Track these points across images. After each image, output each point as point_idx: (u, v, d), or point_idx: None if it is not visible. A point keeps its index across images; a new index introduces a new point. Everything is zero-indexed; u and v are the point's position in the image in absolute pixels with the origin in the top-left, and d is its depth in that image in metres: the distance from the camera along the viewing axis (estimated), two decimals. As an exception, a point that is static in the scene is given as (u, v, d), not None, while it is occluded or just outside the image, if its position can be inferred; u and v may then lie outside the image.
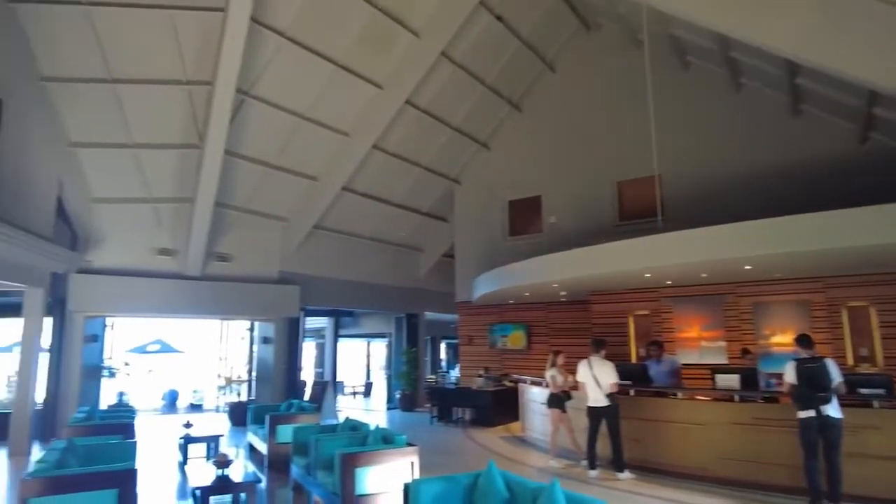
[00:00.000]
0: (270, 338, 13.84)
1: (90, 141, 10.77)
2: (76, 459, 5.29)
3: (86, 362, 11.81)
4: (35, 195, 9.86)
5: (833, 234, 6.97)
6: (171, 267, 12.36)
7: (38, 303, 10.04)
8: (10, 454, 9.50)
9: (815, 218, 6.92)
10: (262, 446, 8.66)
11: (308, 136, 12.13)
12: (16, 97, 9.19)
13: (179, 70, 10.17)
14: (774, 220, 7.25)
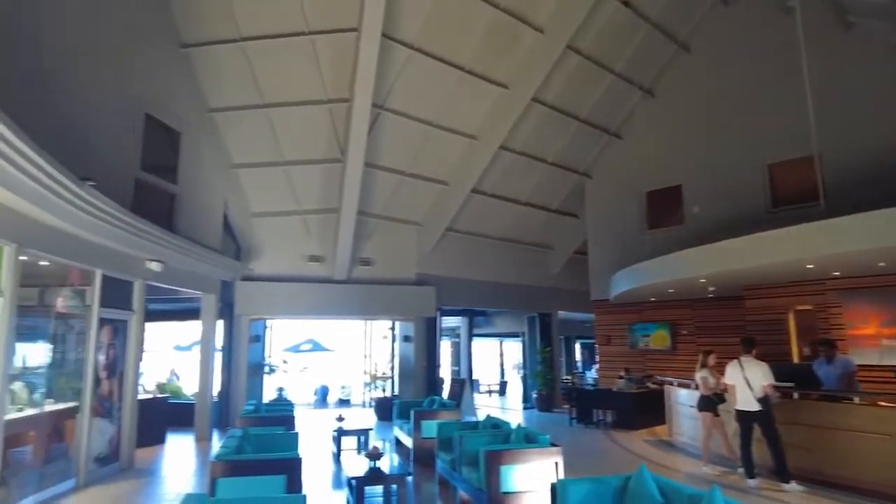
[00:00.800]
0: (410, 336, 14.47)
1: (248, 161, 12.05)
2: (251, 447, 5.93)
3: (251, 360, 13.18)
4: (206, 213, 11.21)
5: None
6: (320, 272, 13.40)
7: (212, 307, 11.41)
8: (196, 439, 10.88)
9: None
10: (407, 441, 9.07)
11: (438, 142, 12.53)
12: (190, 129, 10.54)
13: (321, 90, 11.01)
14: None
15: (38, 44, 6.69)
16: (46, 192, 5.38)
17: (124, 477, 7.99)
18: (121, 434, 8.35)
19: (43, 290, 7.34)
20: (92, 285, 7.54)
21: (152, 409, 10.07)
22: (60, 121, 6.84)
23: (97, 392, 7.73)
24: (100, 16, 8.00)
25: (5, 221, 5.54)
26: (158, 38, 9.76)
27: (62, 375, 7.42)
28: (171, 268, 9.23)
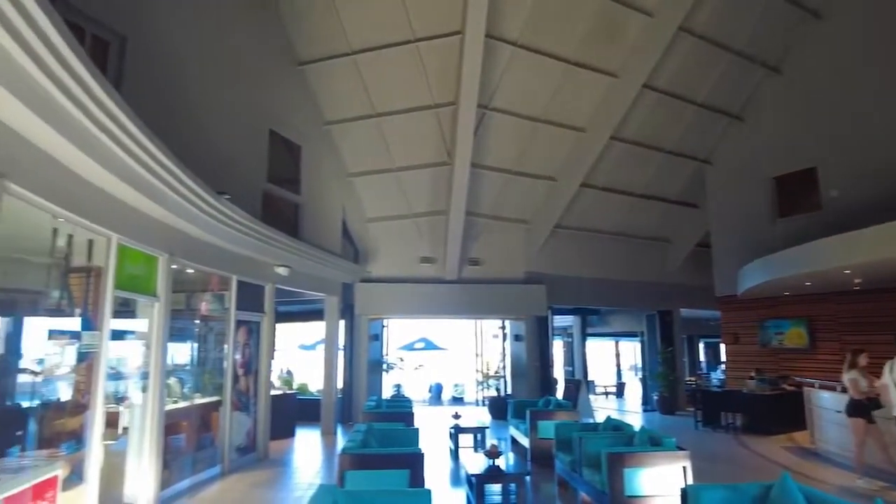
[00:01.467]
0: (521, 336, 14.38)
1: (362, 170, 12.63)
2: (375, 441, 6.19)
3: (370, 358, 13.78)
4: (327, 220, 11.88)
5: None
6: (432, 273, 13.71)
7: (334, 308, 12.07)
8: (321, 433, 11.55)
9: None
10: (523, 440, 9.02)
11: (544, 137, 12.34)
12: (310, 143, 11.24)
13: (427, 96, 11.28)
14: None
15: (180, 73, 7.45)
16: (190, 206, 5.97)
17: (261, 466, 8.66)
18: (256, 426, 9.07)
19: (189, 296, 8.15)
20: (229, 290, 8.27)
21: (282, 405, 10.82)
22: (198, 140, 7.57)
23: (236, 387, 8.46)
24: (228, 43, 8.77)
25: (159, 235, 6.23)
26: (278, 58, 10.51)
27: (206, 372, 8.22)
28: (297, 272, 9.89)
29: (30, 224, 4.56)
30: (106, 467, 5.38)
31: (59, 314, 5.30)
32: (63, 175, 4.37)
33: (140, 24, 6.69)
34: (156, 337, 6.27)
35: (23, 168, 3.74)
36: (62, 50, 3.21)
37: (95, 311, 5.27)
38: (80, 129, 3.89)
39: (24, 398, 8.97)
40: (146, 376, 6.15)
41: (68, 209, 4.46)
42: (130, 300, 6.08)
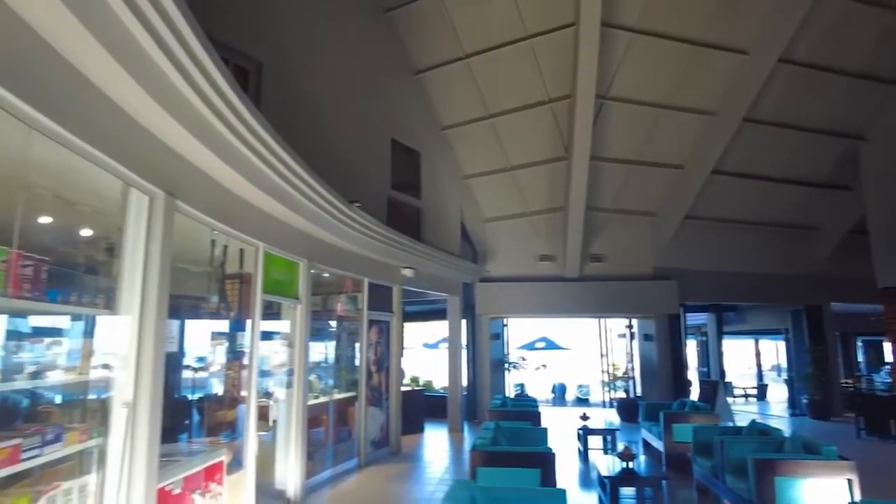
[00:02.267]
0: (651, 335, 13.72)
1: (478, 171, 12.78)
2: (504, 439, 6.24)
3: (492, 357, 13.88)
4: (446, 222, 12.16)
5: None
6: (552, 271, 13.53)
7: (456, 308, 12.33)
8: (449, 429, 11.84)
9: None
10: (657, 443, 8.62)
11: (669, 124, 11.69)
12: (428, 148, 11.58)
13: (542, 91, 11.15)
14: None
15: (309, 91, 8.01)
16: (326, 214, 6.40)
17: (394, 460, 9.06)
18: (389, 421, 9.49)
19: (325, 298, 8.73)
20: (361, 291, 8.75)
21: (411, 401, 11.23)
22: (329, 152, 8.08)
23: (369, 383, 8.92)
24: (351, 59, 9.27)
25: (299, 242, 6.74)
26: (396, 69, 10.95)
27: (342, 369, 8.76)
28: (421, 273, 10.23)
29: (191, 237, 5.13)
30: (260, 456, 5.91)
31: (217, 317, 5.92)
32: (219, 192, 4.89)
33: (273, 50, 7.28)
34: (299, 336, 6.80)
35: (187, 187, 4.23)
36: (221, 84, 3.60)
37: (247, 313, 5.82)
38: (233, 150, 4.32)
39: (189, 391, 10.08)
40: (291, 373, 6.68)
41: (223, 222, 4.97)
42: (275, 303, 6.64)
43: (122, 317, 3.71)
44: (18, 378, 3.04)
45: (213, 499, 4.94)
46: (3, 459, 2.69)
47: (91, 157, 3.20)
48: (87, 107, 3.09)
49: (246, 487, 5.58)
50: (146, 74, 3.10)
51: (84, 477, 3.48)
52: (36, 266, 2.88)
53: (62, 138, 2.92)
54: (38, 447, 2.96)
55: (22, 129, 2.70)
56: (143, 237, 3.80)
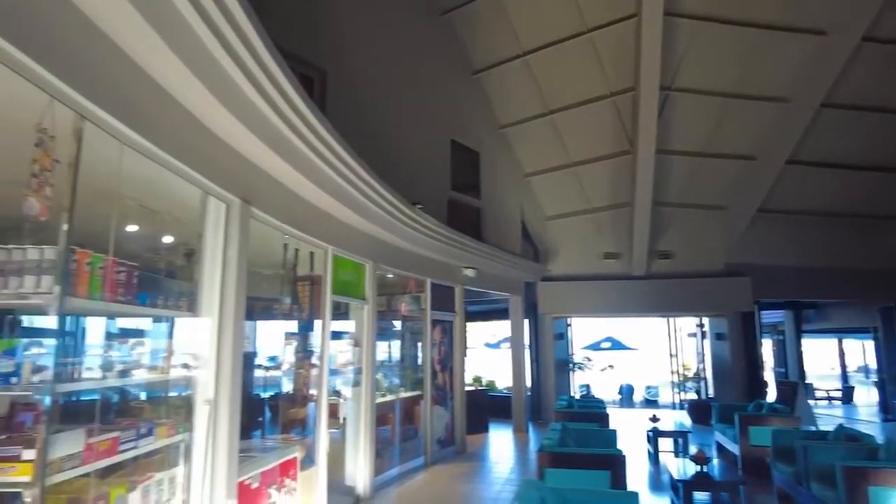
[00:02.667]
0: (723, 334, 13.16)
1: (538, 169, 12.65)
2: (572, 440, 6.16)
3: (556, 357, 13.71)
4: (507, 221, 12.12)
5: None
6: (617, 269, 13.22)
7: (518, 307, 12.27)
8: (513, 430, 11.78)
9: None
10: (732, 447, 8.28)
11: (738, 113, 11.16)
12: (487, 148, 11.58)
13: (603, 85, 10.92)
14: None
15: (371, 96, 8.18)
16: (390, 217, 6.53)
17: (460, 459, 9.11)
18: (454, 421, 9.56)
19: (389, 298, 8.89)
20: (424, 292, 8.86)
21: (476, 401, 11.26)
22: (391, 156, 8.23)
23: (434, 382, 9.01)
24: (411, 62, 9.41)
25: (364, 245, 6.91)
26: (455, 70, 11.02)
27: (407, 368, 8.89)
28: (482, 273, 10.24)
29: (264, 241, 5.35)
30: (330, 453, 6.10)
31: (289, 317, 6.15)
32: (290, 198, 5.08)
33: (336, 58, 7.49)
34: (366, 336, 6.96)
35: (261, 195, 4.42)
36: (291, 95, 3.76)
37: (318, 313, 6.01)
38: (303, 157, 4.49)
39: (262, 390, 10.49)
40: (359, 371, 6.85)
41: (295, 227, 5.16)
42: (343, 303, 6.82)
43: (202, 319, 3.92)
44: (110, 376, 3.27)
45: (287, 494, 5.14)
46: (103, 451, 2.91)
47: (174, 169, 3.41)
48: (172, 122, 3.30)
49: (318, 483, 5.77)
50: (223, 88, 3.27)
51: (173, 469, 3.71)
52: (128, 272, 3.10)
53: (150, 152, 3.12)
54: (134, 440, 3.19)
55: (115, 145, 2.91)
56: (222, 243, 4.00)
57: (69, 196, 2.56)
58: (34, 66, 2.21)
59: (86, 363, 3.29)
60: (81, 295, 2.71)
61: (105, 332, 3.48)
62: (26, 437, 2.55)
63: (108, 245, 2.95)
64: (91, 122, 2.66)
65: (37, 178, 2.31)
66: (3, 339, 2.54)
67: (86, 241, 2.80)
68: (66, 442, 2.64)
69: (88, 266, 2.77)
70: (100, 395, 3.38)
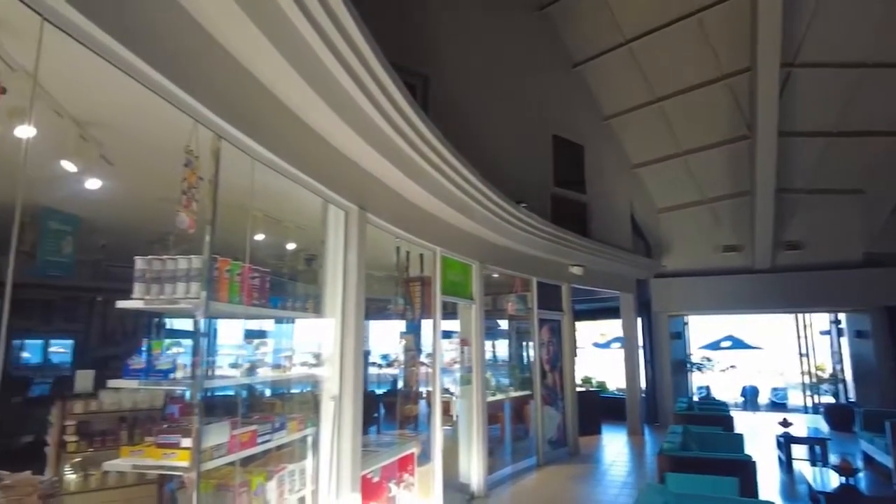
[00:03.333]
0: (865, 331, 11.85)
1: (647, 159, 12.10)
2: (695, 444, 5.84)
3: (673, 357, 13.04)
4: (615, 216, 11.72)
5: None
6: (738, 262, 12.33)
7: (630, 306, 11.82)
8: (628, 432, 11.37)
9: None
10: (882, 458, 7.45)
11: (876, 85, 9.96)
12: (591, 140, 11.28)
13: (714, 68, 10.24)
14: None
15: (472, 97, 8.26)
16: (495, 217, 6.56)
17: (573, 461, 8.94)
18: (565, 421, 9.39)
19: (495, 298, 8.92)
20: (530, 291, 8.79)
21: (587, 401, 10.99)
22: (493, 155, 8.26)
23: (544, 382, 8.92)
24: (510, 60, 9.38)
25: (470, 245, 6.99)
26: (555, 65, 10.84)
27: (515, 367, 8.87)
28: (590, 270, 9.99)
29: (378, 245, 5.58)
30: (444, 450, 6.22)
31: (401, 317, 6.36)
32: (401, 203, 5.26)
33: (436, 63, 7.64)
34: (474, 335, 7.03)
35: (375, 201, 4.62)
36: (403, 106, 3.94)
37: (429, 313, 6.17)
38: (413, 164, 4.64)
39: (375, 386, 10.96)
40: (469, 370, 6.93)
41: (406, 230, 5.33)
42: (451, 303, 6.94)
43: (326, 320, 4.16)
44: (246, 374, 3.55)
45: (406, 489, 5.32)
46: (244, 442, 3.18)
47: (298, 180, 3.65)
48: (295, 137, 3.54)
49: (434, 479, 5.91)
50: (341, 103, 3.48)
51: (302, 461, 3.97)
52: (262, 277, 3.36)
53: (277, 166, 3.37)
54: (269, 433, 3.45)
55: (247, 161, 3.17)
56: (342, 248, 4.23)
57: (211, 209, 2.82)
58: (181, 94, 2.47)
59: (222, 362, 3.62)
60: (223, 299, 2.98)
61: (240, 332, 3.80)
62: (182, 426, 2.85)
63: (238, 253, 3.21)
64: (227, 141, 2.92)
65: (185, 194, 2.57)
66: (158, 340, 2.85)
67: (221, 251, 3.08)
68: (215, 433, 2.91)
69: (228, 273, 3.04)
70: (235, 392, 3.69)
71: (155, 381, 2.78)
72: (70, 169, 3.46)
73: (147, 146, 3.54)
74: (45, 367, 8.77)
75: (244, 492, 3.24)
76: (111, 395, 4.31)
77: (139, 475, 3.97)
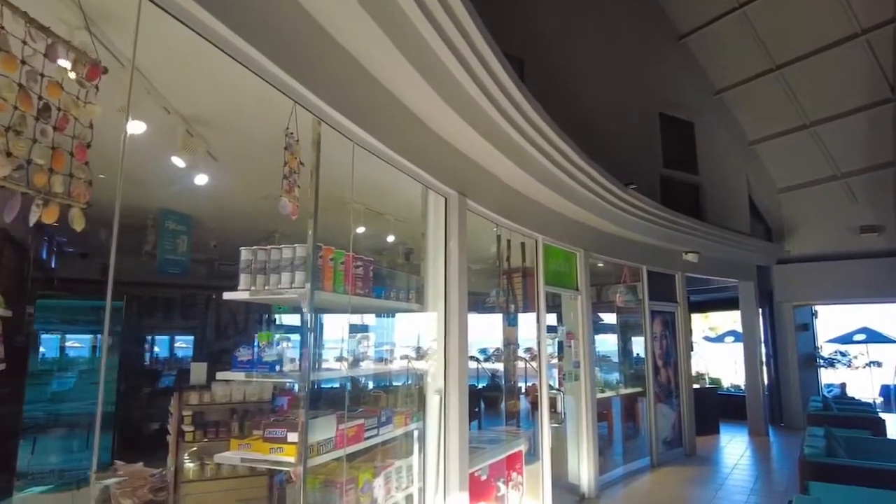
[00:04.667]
0: None
1: (766, 134, 10.98)
2: (841, 450, 5.13)
3: (800, 352, 11.79)
4: (730, 197, 10.77)
5: None
6: (878, 245, 10.89)
7: (750, 295, 10.80)
8: (749, 433, 10.42)
9: None
10: None
11: None
12: (701, 117, 10.42)
13: (847, 23, 9.05)
14: None
15: (571, 77, 7.83)
16: (600, 200, 6.12)
17: (690, 462, 8.28)
18: (680, 421, 8.73)
19: (600, 289, 8.44)
20: (640, 280, 8.22)
21: (703, 400, 10.18)
22: (596, 137, 7.77)
23: (657, 379, 8.32)
24: (610, 38, 8.84)
25: (574, 232, 6.59)
26: (658, 39, 10.10)
27: (626, 363, 8.34)
28: (705, 257, 9.19)
29: (478, 235, 5.36)
30: (551, 448, 5.90)
31: (501, 310, 6.10)
32: (501, 189, 5.00)
33: (533, 44, 7.29)
34: (581, 328, 6.64)
35: (475, 187, 4.39)
36: (505, 83, 3.70)
37: (532, 305, 5.87)
38: (514, 145, 4.36)
39: (474, 381, 10.76)
40: (577, 365, 6.55)
41: (506, 217, 5.07)
42: (555, 295, 6.59)
43: (429, 313, 4.00)
44: (353, 366, 3.46)
45: (514, 488, 5.07)
46: (351, 437, 3.07)
47: (398, 164, 3.50)
48: (394, 120, 3.39)
49: (543, 479, 5.62)
50: (443, 83, 3.30)
51: (409, 457, 3.84)
52: (365, 266, 3.24)
53: (376, 149, 3.24)
54: (375, 428, 3.33)
55: (347, 146, 3.04)
56: (443, 236, 4.04)
57: (313, 198, 2.72)
58: (281, 74, 2.36)
59: (328, 355, 3.56)
60: (327, 289, 2.88)
61: (345, 326, 3.72)
62: (290, 420, 2.78)
63: (340, 246, 3.10)
64: (327, 125, 2.81)
65: (287, 179, 2.48)
66: (266, 332, 2.79)
67: (323, 243, 2.98)
68: (322, 427, 2.81)
69: (332, 261, 2.93)
70: (340, 384, 3.63)
71: (262, 372, 2.72)
72: (179, 164, 3.54)
73: (251, 141, 3.55)
74: (171, 360, 9.46)
75: (351, 489, 3.14)
76: (222, 386, 4.43)
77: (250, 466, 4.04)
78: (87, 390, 5.02)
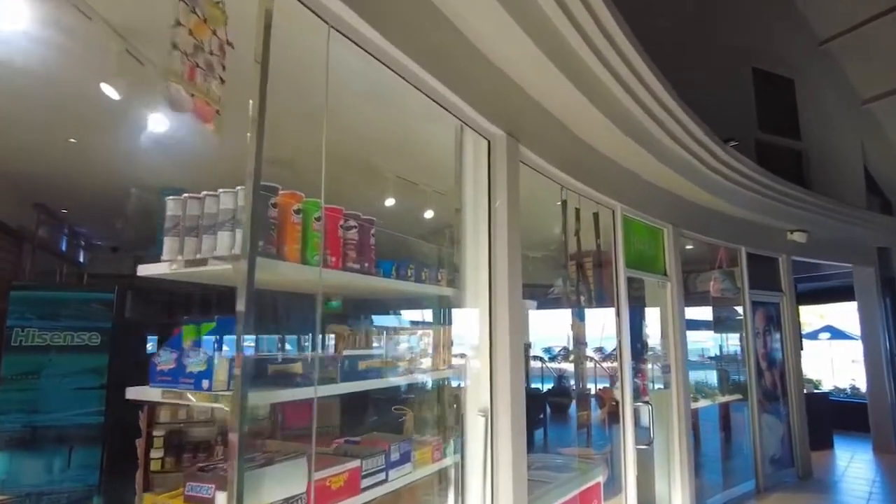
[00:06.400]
0: None
1: (883, 91, 9.15)
2: None
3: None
4: (841, 166, 9.03)
5: None
6: None
7: (870, 282, 9.04)
8: (873, 448, 8.70)
9: None
10: None
11: None
12: (803, 72, 8.77)
13: None
14: None
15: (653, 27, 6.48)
16: (695, 160, 4.80)
17: (805, 488, 6.78)
18: (791, 434, 7.21)
19: (685, 276, 7.03)
20: (738, 265, 6.76)
21: (813, 407, 8.54)
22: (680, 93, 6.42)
23: (760, 384, 6.85)
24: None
25: (660, 203, 5.27)
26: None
27: (723, 365, 6.90)
28: (813, 237, 7.59)
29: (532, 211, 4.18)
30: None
31: (569, 300, 4.89)
32: (566, 137, 3.78)
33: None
34: (672, 323, 5.32)
35: (530, 129, 3.22)
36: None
37: (607, 294, 4.63)
38: (584, 67, 3.16)
39: (538, 381, 9.55)
40: (667, 370, 5.25)
41: (573, 176, 3.82)
42: (635, 281, 5.31)
43: (467, 307, 2.87)
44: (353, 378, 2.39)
45: (590, 531, 3.88)
46: (337, 489, 2.00)
47: (421, 85, 2.40)
48: (420, 23, 2.30)
49: (627, 515, 4.38)
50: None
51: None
52: (363, 228, 2.15)
53: (396, 63, 2.16)
54: (383, 470, 2.24)
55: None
56: (485, 195, 2.90)
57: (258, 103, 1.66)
58: None
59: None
60: (290, 257, 1.82)
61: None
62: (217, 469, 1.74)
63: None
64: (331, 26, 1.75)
65: (187, 56, 1.43)
66: (192, 325, 1.77)
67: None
68: (279, 478, 1.76)
69: (298, 215, 1.87)
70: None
71: (186, 388, 1.69)
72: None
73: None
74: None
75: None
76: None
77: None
78: (71, 398, 4.23)
